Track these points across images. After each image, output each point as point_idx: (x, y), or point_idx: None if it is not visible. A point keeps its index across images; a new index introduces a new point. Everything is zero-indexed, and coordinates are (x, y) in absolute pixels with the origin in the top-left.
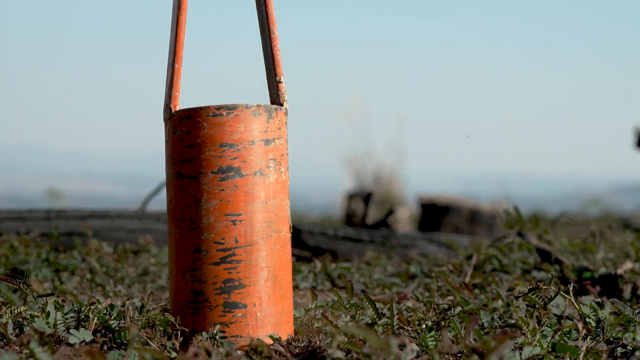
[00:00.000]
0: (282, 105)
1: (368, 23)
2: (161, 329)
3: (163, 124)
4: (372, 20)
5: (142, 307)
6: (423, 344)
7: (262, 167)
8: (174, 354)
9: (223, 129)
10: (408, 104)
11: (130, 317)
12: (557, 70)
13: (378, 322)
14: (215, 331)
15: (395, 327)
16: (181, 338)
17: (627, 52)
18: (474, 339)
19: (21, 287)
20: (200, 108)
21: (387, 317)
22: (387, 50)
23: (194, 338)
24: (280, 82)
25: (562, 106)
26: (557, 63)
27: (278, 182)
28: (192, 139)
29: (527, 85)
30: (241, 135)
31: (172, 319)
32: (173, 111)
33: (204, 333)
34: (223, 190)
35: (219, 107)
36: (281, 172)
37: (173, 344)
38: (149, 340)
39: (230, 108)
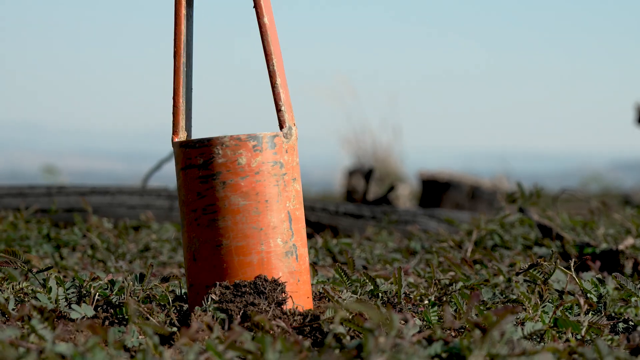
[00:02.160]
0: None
1: (361, 4)
2: (160, 303)
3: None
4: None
5: (143, 276)
6: (425, 319)
7: None
8: (173, 329)
9: None
10: (412, 82)
11: (130, 292)
12: (558, 48)
13: (381, 294)
14: (208, 304)
15: (402, 295)
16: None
17: (627, 30)
18: (476, 315)
19: (20, 265)
20: None
21: (395, 288)
22: (391, 28)
23: (192, 313)
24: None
25: (563, 83)
26: (558, 41)
27: None
28: None
29: (528, 63)
30: None
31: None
32: None
33: (197, 308)
34: None
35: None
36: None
37: (171, 319)
38: (149, 316)
39: None
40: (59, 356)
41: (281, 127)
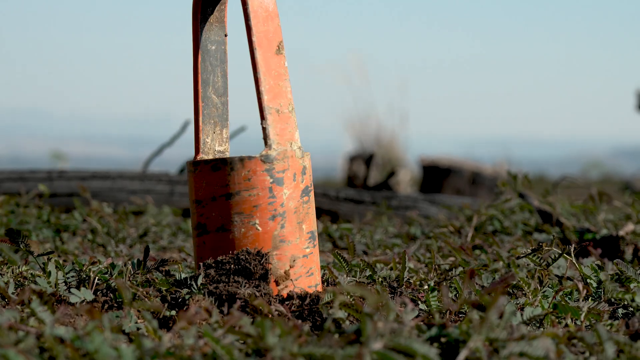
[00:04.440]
0: (266, 151)
1: None
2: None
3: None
4: None
5: (140, 262)
6: (426, 301)
7: (225, 223)
8: (172, 312)
9: (193, 185)
10: (411, 67)
11: (128, 277)
12: (560, 34)
13: (381, 279)
14: (199, 284)
15: (405, 279)
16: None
17: (628, 17)
18: (474, 296)
19: (21, 247)
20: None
21: (395, 273)
22: (391, 17)
23: (191, 299)
24: (263, 127)
25: (564, 69)
26: (559, 27)
27: (247, 236)
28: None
29: (529, 49)
30: (204, 192)
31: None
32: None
33: (194, 292)
34: (198, 246)
35: (193, 163)
36: (253, 224)
37: (170, 303)
38: (146, 299)
39: (196, 164)
40: (58, 340)
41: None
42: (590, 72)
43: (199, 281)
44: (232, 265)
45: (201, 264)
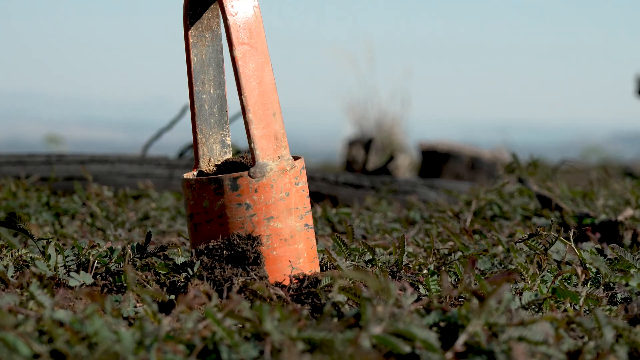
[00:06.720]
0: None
1: None
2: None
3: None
4: None
5: (140, 246)
6: (426, 284)
7: None
8: (171, 296)
9: None
10: (412, 52)
11: (128, 260)
12: (559, 18)
13: (380, 264)
14: (195, 269)
15: (404, 263)
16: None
17: (627, 1)
18: (475, 283)
19: (20, 231)
20: None
21: (394, 257)
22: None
23: (190, 282)
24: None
25: (563, 54)
26: (558, 10)
27: None
28: None
29: (528, 33)
30: None
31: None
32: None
33: (193, 277)
34: None
35: None
36: None
37: (168, 288)
38: (146, 284)
39: None
40: (58, 323)
41: (252, 164)
42: (589, 57)
43: (196, 267)
44: (224, 251)
45: (193, 250)
